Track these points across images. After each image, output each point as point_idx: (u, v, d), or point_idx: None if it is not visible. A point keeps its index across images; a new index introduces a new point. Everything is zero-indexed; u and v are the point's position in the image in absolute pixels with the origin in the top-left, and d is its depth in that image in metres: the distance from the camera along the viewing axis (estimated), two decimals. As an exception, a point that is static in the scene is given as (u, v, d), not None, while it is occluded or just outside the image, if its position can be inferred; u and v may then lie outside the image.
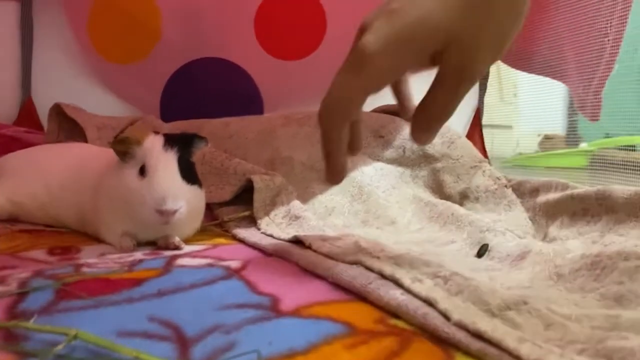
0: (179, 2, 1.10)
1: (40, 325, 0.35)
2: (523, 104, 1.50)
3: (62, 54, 1.12)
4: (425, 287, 0.40)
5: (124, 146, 0.58)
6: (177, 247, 0.60)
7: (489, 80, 1.38)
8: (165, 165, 0.57)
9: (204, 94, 1.07)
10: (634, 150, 1.12)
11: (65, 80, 1.11)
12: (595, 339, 0.32)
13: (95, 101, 1.08)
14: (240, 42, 1.12)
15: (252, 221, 0.71)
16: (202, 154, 0.79)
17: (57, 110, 0.91)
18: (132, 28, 1.11)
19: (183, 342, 0.35)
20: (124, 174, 0.58)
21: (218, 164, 0.78)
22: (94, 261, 0.55)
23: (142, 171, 0.57)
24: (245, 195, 0.75)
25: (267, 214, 0.69)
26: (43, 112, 1.08)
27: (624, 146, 1.13)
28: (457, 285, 0.39)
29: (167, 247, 0.61)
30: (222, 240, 0.66)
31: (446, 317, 0.35)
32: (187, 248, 0.62)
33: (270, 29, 1.11)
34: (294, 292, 0.44)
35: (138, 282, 0.46)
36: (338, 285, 0.46)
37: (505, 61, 1.22)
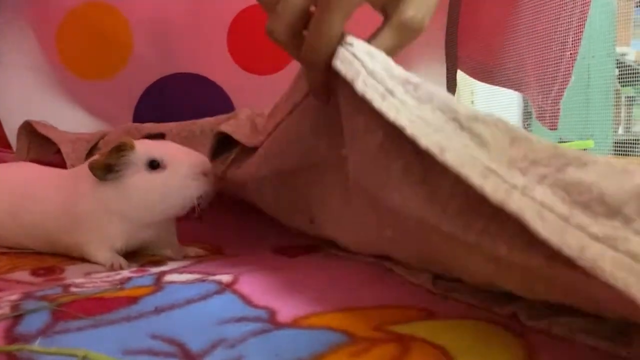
0: (149, 18, 1.10)
1: (46, 348, 0.35)
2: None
3: (30, 71, 1.10)
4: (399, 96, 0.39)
5: (120, 154, 0.58)
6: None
7: (446, 87, 1.42)
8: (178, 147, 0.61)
9: (177, 109, 1.07)
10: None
11: (33, 97, 1.09)
12: (557, 163, 0.32)
13: (66, 118, 1.06)
14: (213, 57, 1.13)
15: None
16: (169, 130, 0.80)
17: (27, 128, 0.90)
18: (102, 44, 1.10)
19: (190, 357, 0.35)
20: (133, 180, 0.59)
21: (185, 132, 0.79)
22: (81, 281, 0.55)
23: (154, 166, 0.59)
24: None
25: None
26: (10, 130, 1.06)
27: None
28: (428, 93, 0.38)
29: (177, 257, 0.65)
30: (206, 255, 0.67)
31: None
32: (171, 264, 0.62)
33: (243, 43, 1.12)
34: (287, 304, 0.45)
35: (133, 300, 0.47)
36: (331, 291, 0.47)
37: (466, 71, 1.26)
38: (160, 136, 0.71)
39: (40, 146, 0.89)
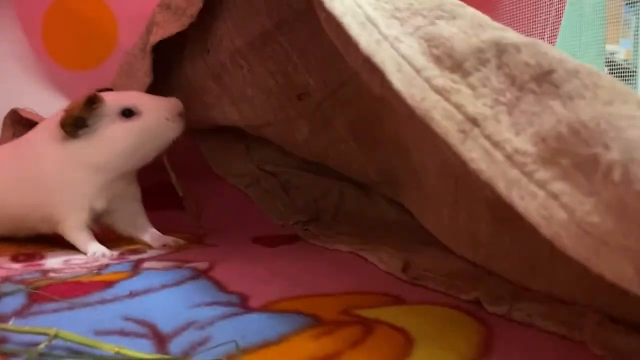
0: (134, 9, 1.10)
1: (19, 326, 0.36)
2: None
3: (15, 62, 1.10)
4: None
5: (92, 107, 0.59)
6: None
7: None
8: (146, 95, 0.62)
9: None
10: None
11: (19, 88, 1.09)
12: (433, 15, 0.34)
13: (51, 109, 1.06)
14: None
15: None
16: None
17: (12, 117, 0.90)
18: (88, 34, 1.10)
19: (159, 338, 0.36)
20: (109, 131, 0.60)
21: (125, 67, 0.74)
22: (60, 267, 0.56)
23: (127, 114, 0.60)
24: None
25: None
26: (-5, 119, 1.06)
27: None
28: None
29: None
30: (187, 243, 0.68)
31: None
32: (151, 252, 0.63)
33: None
34: (261, 290, 0.46)
35: (109, 284, 0.48)
36: (304, 278, 0.48)
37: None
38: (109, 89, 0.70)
39: (25, 135, 0.90)
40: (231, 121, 0.69)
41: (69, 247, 0.63)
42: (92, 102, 0.59)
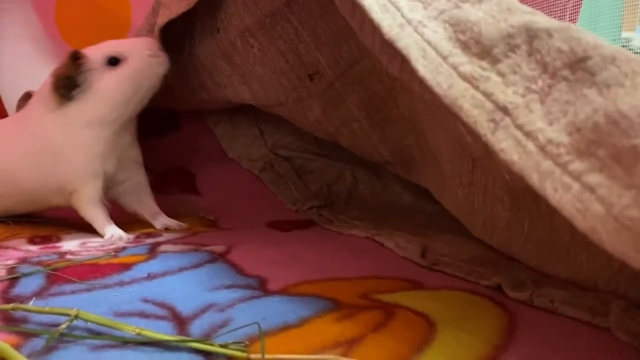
0: (148, -8, 1.09)
1: (39, 307, 0.36)
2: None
3: (29, 45, 1.10)
4: None
5: (77, 63, 0.59)
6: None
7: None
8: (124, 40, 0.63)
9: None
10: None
11: (32, 70, 1.09)
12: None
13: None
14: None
15: None
16: None
17: (26, 99, 0.90)
18: (101, 18, 1.10)
19: (179, 320, 0.36)
20: (102, 84, 0.60)
21: None
22: (77, 249, 0.56)
23: (112, 62, 0.60)
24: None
25: None
26: (9, 102, 1.06)
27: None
28: None
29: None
30: (200, 227, 0.68)
31: None
32: (167, 235, 0.63)
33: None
34: (278, 273, 0.46)
35: (127, 266, 0.48)
36: (321, 262, 0.48)
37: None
38: None
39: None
40: (243, 100, 0.69)
41: (85, 229, 0.64)
42: (75, 59, 0.59)
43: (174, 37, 0.67)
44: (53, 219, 0.70)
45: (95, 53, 0.60)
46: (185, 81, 0.72)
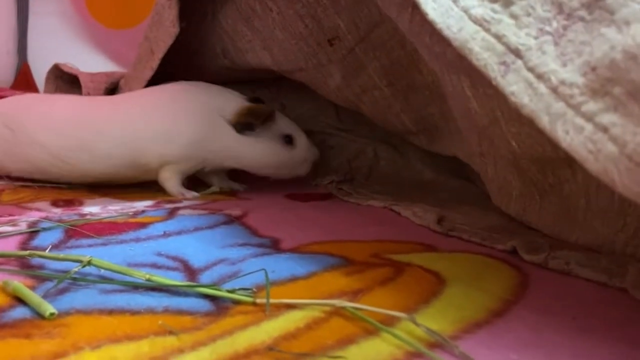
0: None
1: (54, 254, 0.37)
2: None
3: (58, 20, 1.12)
4: None
5: (268, 120, 0.65)
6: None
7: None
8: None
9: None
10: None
11: (61, 45, 1.11)
12: None
13: (91, 66, 1.08)
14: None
15: None
16: None
17: (55, 73, 0.92)
18: (128, -6, 1.12)
19: (191, 271, 0.37)
20: (265, 145, 0.66)
21: None
22: (98, 212, 0.57)
23: (287, 141, 0.67)
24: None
25: None
26: (39, 77, 1.08)
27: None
28: None
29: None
30: (221, 197, 0.68)
31: None
32: (186, 202, 0.64)
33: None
34: (293, 235, 0.46)
35: (144, 225, 0.48)
36: (336, 227, 0.48)
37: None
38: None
39: (66, 91, 0.92)
40: (265, 65, 0.69)
41: (107, 194, 0.65)
42: (269, 118, 0.65)
43: (198, 3, 0.67)
44: (75, 185, 0.71)
45: (281, 122, 0.67)
46: (209, 47, 0.73)
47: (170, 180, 0.66)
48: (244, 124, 0.64)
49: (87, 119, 0.65)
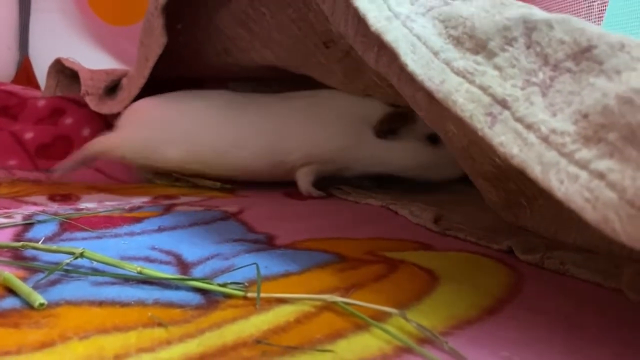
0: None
1: (47, 246, 0.37)
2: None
3: (59, 15, 1.12)
4: None
5: (407, 122, 0.64)
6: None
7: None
8: None
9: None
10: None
11: (62, 40, 1.11)
12: None
13: (92, 62, 1.08)
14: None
15: None
16: None
17: (56, 67, 0.92)
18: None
19: (183, 265, 0.37)
20: (408, 146, 0.66)
21: None
22: (94, 206, 0.57)
23: (433, 140, 0.65)
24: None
25: None
26: (40, 72, 1.08)
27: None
28: None
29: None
30: (217, 194, 0.68)
31: None
32: (184, 198, 0.63)
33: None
34: (288, 231, 0.46)
35: (139, 219, 0.48)
36: (332, 225, 0.48)
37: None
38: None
39: (68, 85, 0.92)
40: (269, 61, 0.69)
41: (104, 190, 0.65)
42: (410, 120, 0.64)
43: (189, 8, 0.67)
44: (75, 182, 0.71)
45: (421, 124, 0.64)
46: (210, 46, 0.73)
47: (306, 177, 0.68)
48: (388, 130, 0.65)
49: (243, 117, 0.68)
